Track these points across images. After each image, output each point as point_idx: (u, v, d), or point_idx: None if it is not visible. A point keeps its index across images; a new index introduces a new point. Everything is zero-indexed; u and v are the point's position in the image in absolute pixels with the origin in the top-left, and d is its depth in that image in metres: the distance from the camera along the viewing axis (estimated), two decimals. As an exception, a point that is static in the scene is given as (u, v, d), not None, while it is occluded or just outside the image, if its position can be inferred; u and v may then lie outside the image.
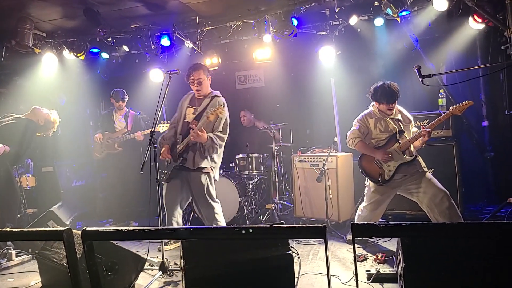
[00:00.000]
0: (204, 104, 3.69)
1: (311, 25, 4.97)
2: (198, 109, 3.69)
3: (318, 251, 3.67)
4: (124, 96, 5.29)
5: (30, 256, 3.91)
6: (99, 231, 1.96)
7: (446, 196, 3.34)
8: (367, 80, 3.81)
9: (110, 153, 5.25)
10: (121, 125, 5.33)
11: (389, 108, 3.50)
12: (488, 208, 4.75)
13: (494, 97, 5.12)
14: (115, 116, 5.35)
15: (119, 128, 5.30)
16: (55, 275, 2.89)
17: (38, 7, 4.56)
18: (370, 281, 2.81)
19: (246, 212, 4.78)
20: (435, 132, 4.26)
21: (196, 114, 3.67)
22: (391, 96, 3.44)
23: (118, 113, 5.35)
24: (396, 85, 3.47)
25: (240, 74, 6.54)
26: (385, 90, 3.43)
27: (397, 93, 3.44)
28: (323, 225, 1.64)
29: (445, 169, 4.16)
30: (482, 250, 2.03)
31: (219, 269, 2.42)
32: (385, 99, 3.46)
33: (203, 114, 3.54)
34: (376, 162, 3.54)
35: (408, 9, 4.31)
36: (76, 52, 5.26)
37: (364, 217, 3.66)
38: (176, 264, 3.34)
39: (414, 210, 4.11)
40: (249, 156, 4.92)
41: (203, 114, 3.58)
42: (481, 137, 5.19)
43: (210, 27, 5.07)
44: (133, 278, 2.94)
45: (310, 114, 6.00)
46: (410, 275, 2.12)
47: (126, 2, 4.55)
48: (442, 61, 5.19)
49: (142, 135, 5.07)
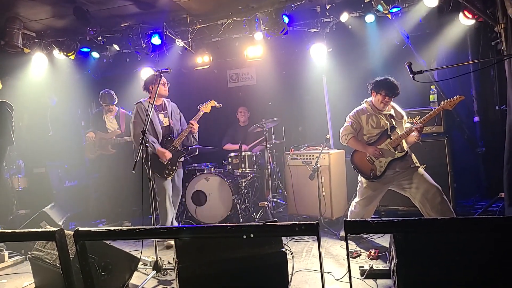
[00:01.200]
0: (168, 107, 4.16)
1: (302, 23, 4.98)
2: (167, 113, 4.13)
3: (311, 248, 3.69)
4: (112, 99, 5.23)
5: (23, 257, 3.89)
6: (91, 231, 1.95)
7: (438, 191, 3.37)
8: (358, 77, 3.83)
9: (102, 154, 5.21)
10: (113, 126, 5.28)
11: (384, 102, 3.51)
12: (480, 203, 4.80)
13: (485, 93, 5.16)
14: (106, 117, 5.29)
15: (111, 129, 5.26)
16: (48, 276, 2.87)
17: (27, 7, 4.50)
18: (364, 277, 2.83)
19: (239, 210, 4.79)
20: (426, 128, 4.28)
21: (169, 116, 4.13)
22: (392, 89, 3.47)
23: (109, 113, 5.30)
24: (399, 84, 3.50)
25: (232, 72, 6.52)
26: (388, 82, 3.48)
27: (397, 89, 3.48)
28: (316, 222, 1.65)
29: (437, 164, 4.19)
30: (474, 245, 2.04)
31: (213, 268, 2.42)
32: (384, 90, 3.48)
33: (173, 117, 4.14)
34: (368, 158, 3.57)
35: (398, 5, 4.34)
36: (66, 52, 5.21)
37: (357, 213, 3.68)
38: (170, 263, 3.33)
39: (406, 206, 4.14)
40: (242, 154, 4.92)
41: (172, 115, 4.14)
42: (473, 132, 5.24)
43: (201, 25, 5.05)
44: (127, 277, 2.93)
45: (302, 112, 6.02)
46: (403, 271, 2.13)
47: (116, 1, 4.51)
48: (433, 57, 5.22)
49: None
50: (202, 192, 4.83)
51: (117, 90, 5.38)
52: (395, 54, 5.09)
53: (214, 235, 2.04)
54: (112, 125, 5.28)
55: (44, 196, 5.43)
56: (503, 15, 3.61)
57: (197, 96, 5.85)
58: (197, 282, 2.40)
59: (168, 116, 4.13)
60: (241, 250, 2.44)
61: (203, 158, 5.32)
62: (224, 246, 2.46)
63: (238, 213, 4.78)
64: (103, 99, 5.20)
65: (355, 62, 5.33)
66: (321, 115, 5.28)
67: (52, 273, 2.75)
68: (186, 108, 4.62)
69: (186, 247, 2.43)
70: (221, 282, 2.42)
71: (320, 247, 1.64)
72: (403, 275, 2.14)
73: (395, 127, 3.56)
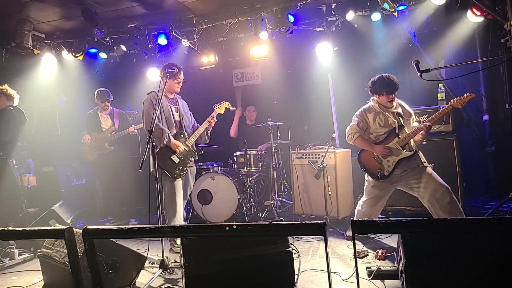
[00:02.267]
0: (179, 103, 4.06)
1: (307, 22, 4.96)
2: (179, 108, 4.02)
3: (317, 248, 3.67)
4: (109, 96, 5.28)
5: (32, 254, 3.94)
6: (99, 230, 1.97)
7: (447, 191, 3.32)
8: (364, 76, 3.79)
9: (102, 153, 5.26)
10: (107, 124, 5.34)
11: (389, 100, 3.47)
12: (490, 203, 4.73)
13: (494, 91, 5.09)
14: (101, 116, 5.35)
15: (106, 128, 5.31)
16: (57, 273, 2.90)
17: (37, 9, 4.57)
18: (371, 278, 2.80)
19: (245, 209, 4.79)
20: (435, 127, 4.23)
21: (180, 112, 4.02)
22: (391, 86, 3.42)
23: (103, 112, 5.35)
24: (395, 77, 3.46)
25: (237, 71, 6.52)
26: (384, 81, 3.43)
27: (396, 84, 3.43)
28: (322, 222, 1.64)
29: (445, 164, 4.14)
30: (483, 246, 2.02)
31: (219, 267, 2.42)
32: (384, 90, 3.44)
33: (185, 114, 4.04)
34: (375, 157, 3.52)
35: (405, 3, 4.30)
36: (75, 53, 5.26)
37: (364, 213, 3.65)
38: (176, 262, 3.35)
39: (414, 206, 4.11)
40: (248, 153, 4.93)
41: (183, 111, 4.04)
42: (482, 131, 5.17)
43: (207, 25, 5.07)
44: (134, 276, 2.95)
45: (308, 111, 6.00)
46: (411, 271, 2.11)
47: (123, 2, 4.54)
48: (440, 55, 5.16)
49: (136, 129, 5.11)
50: (207, 191, 4.85)
51: (124, 90, 5.44)
52: (401, 53, 5.05)
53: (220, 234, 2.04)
54: (106, 124, 5.34)
55: (52, 194, 5.51)
56: (513, 12, 3.56)
57: (203, 96, 5.88)
58: (203, 280, 2.41)
59: (179, 111, 4.02)
60: (247, 249, 2.44)
61: (208, 157, 5.33)
62: (230, 245, 2.46)
63: (244, 212, 4.79)
64: (100, 96, 5.24)
65: (361, 60, 5.30)
66: (326, 114, 5.26)
67: (61, 271, 2.79)
68: (192, 108, 4.63)
69: (193, 246, 2.44)
70: (227, 281, 2.42)
71: (327, 246, 1.63)
72: (411, 276, 2.12)
73: (403, 126, 3.51)
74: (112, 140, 5.21)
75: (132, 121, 5.47)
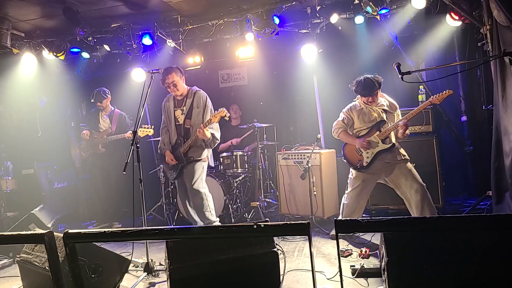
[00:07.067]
0: (188, 102, 3.94)
1: (293, 24, 5.00)
2: (185, 109, 3.94)
3: (303, 247, 3.71)
4: (105, 94, 5.17)
5: (11, 260, 3.82)
6: (81, 233, 1.93)
7: (421, 188, 3.49)
8: (348, 77, 3.88)
9: (94, 153, 5.18)
10: (105, 125, 5.25)
11: (368, 101, 3.65)
12: (468, 201, 4.87)
13: (472, 93, 5.25)
14: (101, 115, 5.27)
15: (103, 128, 5.22)
16: (37, 279, 2.83)
17: (16, 7, 4.44)
18: (355, 276, 2.85)
19: (231, 211, 4.79)
20: (415, 128, 4.37)
21: (185, 114, 3.93)
22: (369, 90, 3.57)
23: (103, 112, 5.27)
24: (378, 78, 3.57)
25: (223, 72, 6.52)
26: (363, 84, 3.57)
27: (375, 86, 3.55)
28: (306, 222, 1.66)
29: (426, 163, 4.26)
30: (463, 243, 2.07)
31: (205, 269, 2.41)
32: (362, 93, 3.62)
33: (193, 113, 3.88)
34: (357, 150, 3.72)
35: (387, 7, 4.38)
36: (56, 52, 5.14)
37: (348, 205, 3.78)
38: (161, 265, 3.32)
39: (397, 205, 4.21)
40: (234, 155, 4.92)
41: (192, 112, 3.89)
42: (460, 131, 5.32)
43: (192, 26, 5.05)
44: (118, 280, 2.91)
45: (294, 112, 6.05)
46: (393, 269, 2.15)
47: (107, 1, 4.47)
48: (421, 58, 5.29)
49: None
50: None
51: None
52: (384, 55, 5.15)
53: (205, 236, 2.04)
54: (104, 124, 5.25)
55: (32, 198, 5.36)
56: (489, 17, 3.67)
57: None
58: (188, 283, 2.39)
59: (184, 114, 3.92)
60: (233, 251, 2.44)
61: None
62: (215, 247, 2.45)
63: (230, 213, 4.78)
64: (96, 96, 5.15)
65: (345, 62, 5.39)
66: (312, 115, 5.32)
67: (41, 276, 2.72)
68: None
69: (177, 248, 2.43)
70: (212, 282, 2.42)
71: (311, 246, 1.65)
72: (393, 273, 2.16)
73: (385, 121, 3.67)
74: (106, 143, 5.12)
75: (131, 125, 5.33)
